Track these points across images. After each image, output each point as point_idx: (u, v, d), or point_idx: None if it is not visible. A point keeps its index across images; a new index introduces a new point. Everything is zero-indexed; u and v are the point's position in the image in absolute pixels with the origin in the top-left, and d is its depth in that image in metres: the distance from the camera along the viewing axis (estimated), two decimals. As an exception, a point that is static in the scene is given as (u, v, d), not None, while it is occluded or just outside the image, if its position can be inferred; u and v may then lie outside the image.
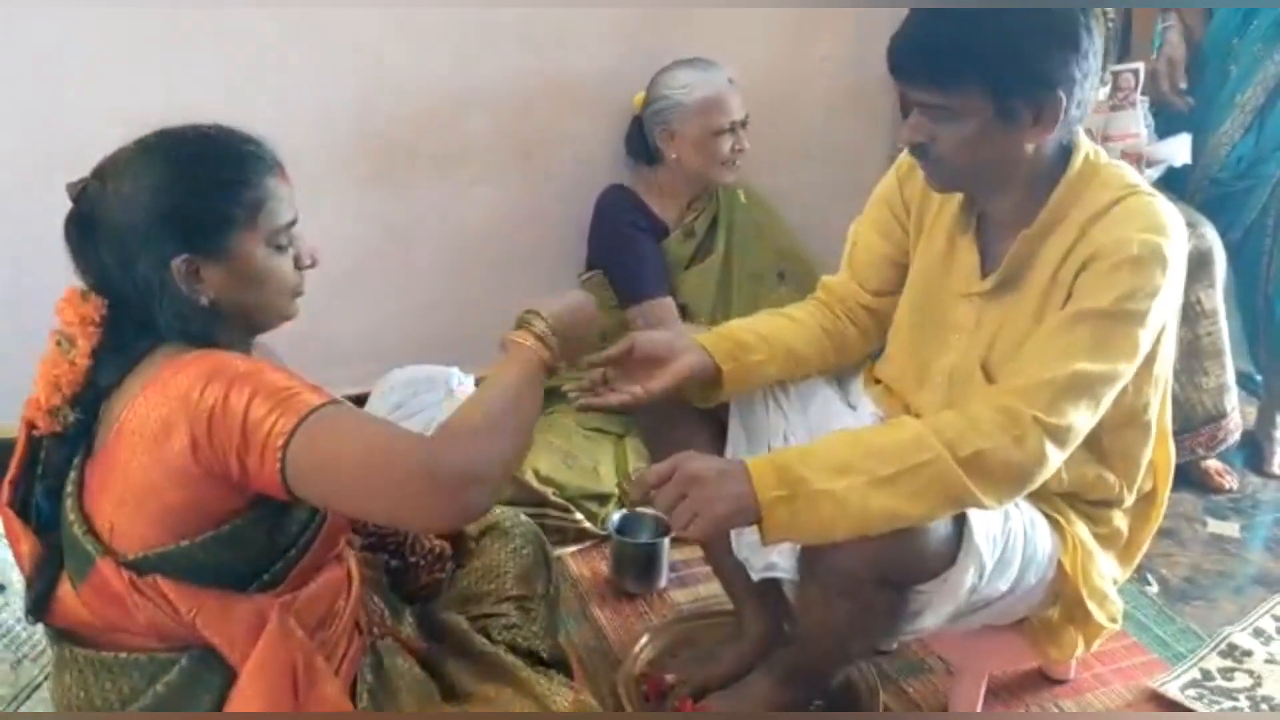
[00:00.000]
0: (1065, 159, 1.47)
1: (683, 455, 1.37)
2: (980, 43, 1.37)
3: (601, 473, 2.36)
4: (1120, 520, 1.63)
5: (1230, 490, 2.53)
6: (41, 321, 1.25)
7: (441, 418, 2.28)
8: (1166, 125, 2.47)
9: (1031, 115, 1.40)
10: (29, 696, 1.56)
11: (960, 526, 1.43)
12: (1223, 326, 2.42)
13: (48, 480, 1.21)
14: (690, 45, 2.54)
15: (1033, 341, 1.44)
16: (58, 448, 1.21)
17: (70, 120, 2.19)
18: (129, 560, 1.17)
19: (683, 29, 2.60)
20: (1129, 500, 1.62)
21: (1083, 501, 1.60)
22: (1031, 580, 1.55)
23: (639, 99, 2.54)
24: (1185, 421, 2.39)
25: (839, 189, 2.57)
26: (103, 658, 1.21)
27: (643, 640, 1.90)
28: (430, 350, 2.55)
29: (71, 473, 1.21)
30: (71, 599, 1.20)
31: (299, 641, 1.21)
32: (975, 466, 1.34)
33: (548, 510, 2.25)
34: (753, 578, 1.69)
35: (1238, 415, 2.50)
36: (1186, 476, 2.46)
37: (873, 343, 1.76)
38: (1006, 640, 1.68)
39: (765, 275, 2.60)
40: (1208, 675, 1.91)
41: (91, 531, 1.18)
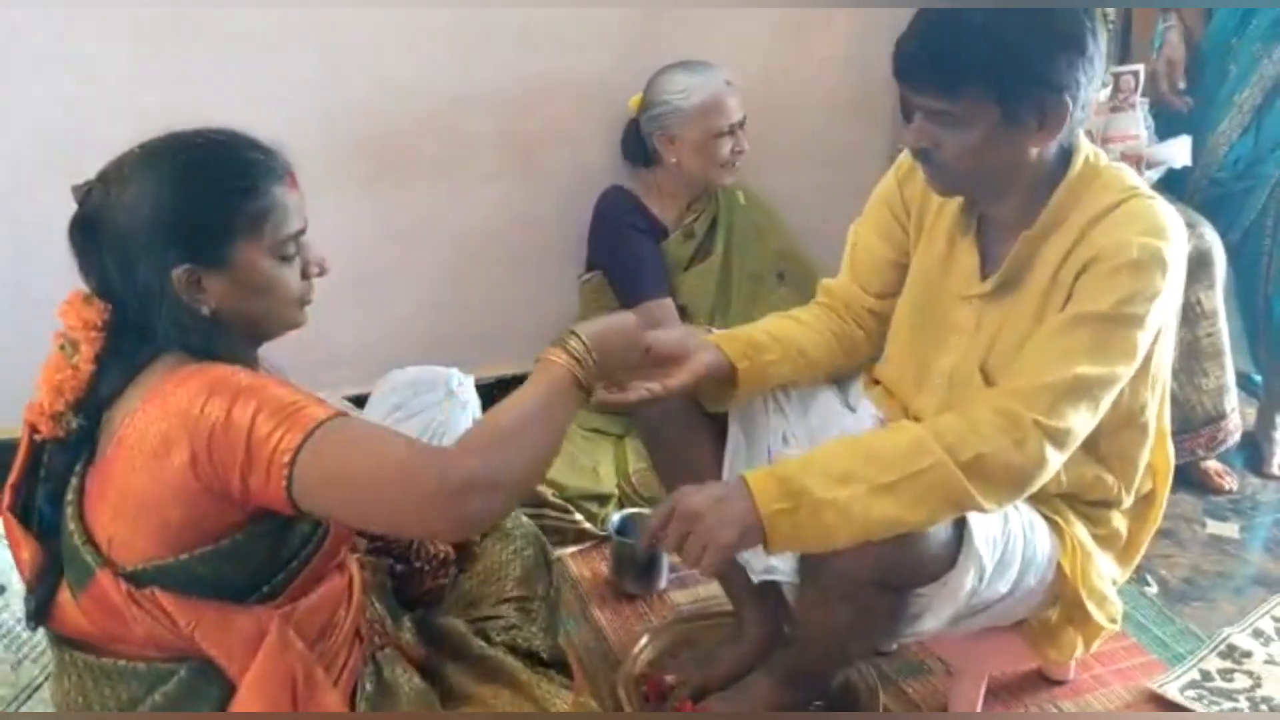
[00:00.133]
0: (1065, 161, 1.47)
1: (679, 493, 1.37)
2: (986, 49, 1.36)
3: (601, 473, 2.36)
4: (1119, 521, 1.63)
5: (1230, 491, 2.52)
6: (42, 322, 1.24)
7: (441, 418, 2.33)
8: (1165, 125, 2.46)
9: (1037, 120, 1.40)
10: (29, 697, 1.55)
11: (960, 530, 1.43)
12: (1223, 327, 2.41)
13: (50, 485, 1.19)
14: (691, 46, 2.53)
15: (1032, 344, 1.44)
16: (60, 453, 1.19)
17: (71, 121, 2.20)
18: (127, 572, 1.15)
19: (684, 30, 2.59)
20: (1128, 501, 1.62)
21: (1081, 503, 1.60)
22: (1031, 582, 1.55)
23: (635, 103, 2.54)
24: (1185, 422, 2.39)
25: (839, 190, 2.56)
26: (102, 664, 1.20)
27: (642, 641, 1.90)
28: (430, 351, 2.55)
29: (73, 479, 1.19)
30: (72, 607, 1.18)
31: (299, 653, 1.20)
32: (976, 471, 1.34)
33: (547, 511, 2.24)
34: (752, 579, 1.69)
35: (1237, 416, 2.49)
36: (1186, 477, 2.46)
37: (878, 345, 1.76)
38: (1006, 641, 1.68)
39: (765, 276, 2.60)
40: (1207, 676, 1.91)
41: (91, 542, 1.16)
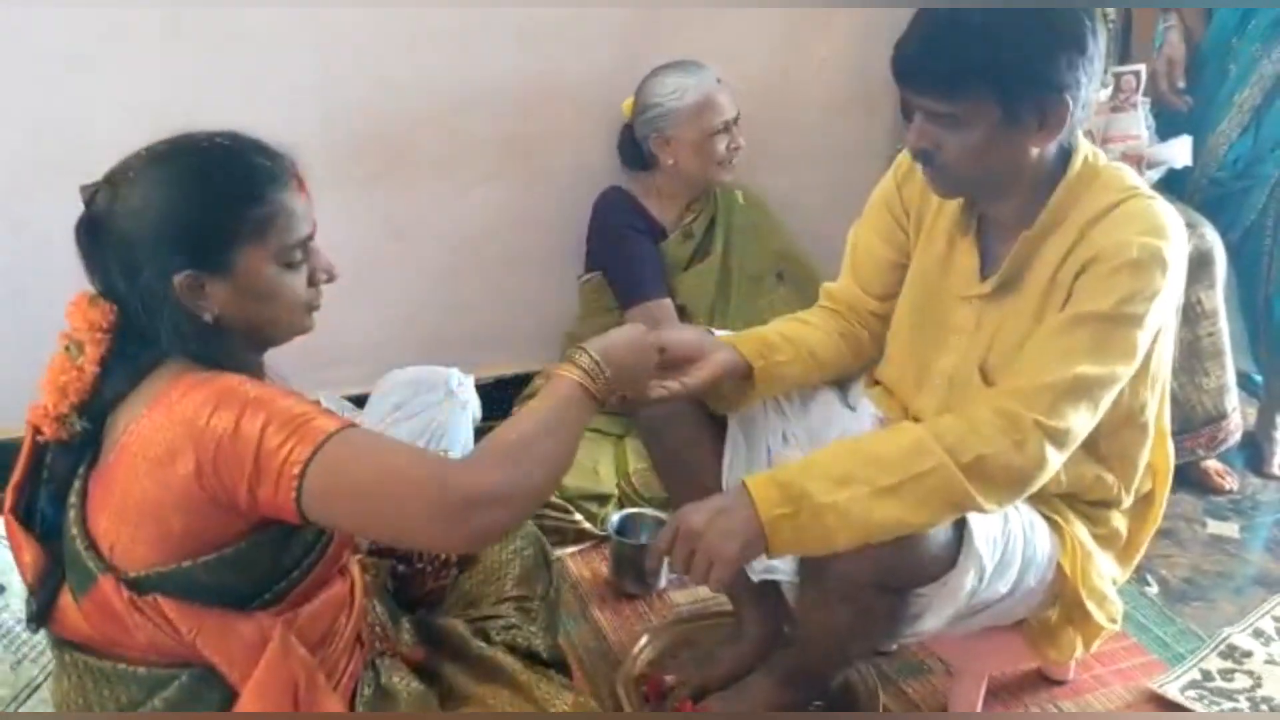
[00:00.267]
0: (1065, 161, 1.47)
1: (681, 512, 1.37)
2: (987, 51, 1.35)
3: (601, 473, 2.36)
4: (1119, 521, 1.63)
5: (1230, 491, 2.53)
6: (42, 323, 1.24)
7: (441, 418, 2.33)
8: (1165, 125, 2.46)
9: (1037, 120, 1.39)
10: (29, 697, 1.55)
11: (960, 530, 1.43)
12: (1223, 327, 2.41)
13: (52, 487, 1.19)
14: (691, 46, 2.53)
15: (1032, 344, 1.43)
16: (63, 456, 1.19)
17: (71, 121, 2.19)
18: (129, 579, 1.14)
19: (684, 30, 2.59)
20: (1127, 501, 1.62)
21: (1081, 502, 1.60)
22: (1031, 582, 1.55)
23: (628, 107, 2.53)
24: (1185, 422, 2.39)
25: (839, 190, 2.56)
26: (103, 666, 1.19)
27: (642, 641, 1.90)
28: (430, 351, 2.55)
29: (76, 482, 1.18)
30: (73, 610, 1.18)
31: (300, 659, 1.19)
32: (977, 472, 1.34)
33: (547, 511, 2.24)
34: (752, 579, 1.69)
35: (1238, 416, 2.49)
36: (1186, 477, 2.46)
37: (884, 346, 1.76)
38: (1006, 641, 1.68)
39: (764, 276, 2.59)
40: (1207, 676, 1.91)
41: (93, 548, 1.15)
